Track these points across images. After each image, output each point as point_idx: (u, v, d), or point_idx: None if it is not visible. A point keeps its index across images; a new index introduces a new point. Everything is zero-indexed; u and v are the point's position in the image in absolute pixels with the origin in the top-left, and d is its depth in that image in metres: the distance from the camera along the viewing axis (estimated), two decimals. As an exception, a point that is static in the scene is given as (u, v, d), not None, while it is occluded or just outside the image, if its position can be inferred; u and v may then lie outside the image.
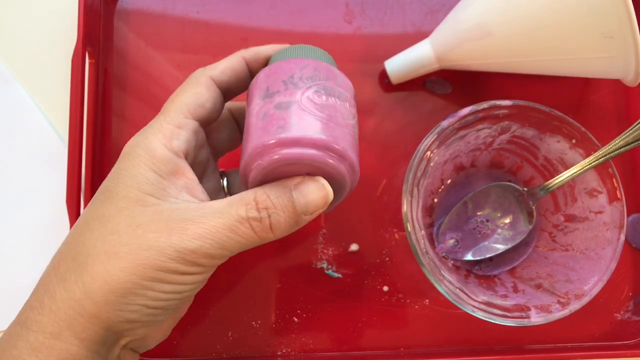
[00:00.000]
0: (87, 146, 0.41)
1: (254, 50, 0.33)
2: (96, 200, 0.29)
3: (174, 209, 0.28)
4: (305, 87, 0.29)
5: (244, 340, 0.41)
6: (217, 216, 0.27)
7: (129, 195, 0.28)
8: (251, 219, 0.27)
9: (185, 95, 0.31)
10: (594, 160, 0.37)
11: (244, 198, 0.28)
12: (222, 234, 0.27)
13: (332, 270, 0.42)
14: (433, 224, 0.42)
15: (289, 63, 0.30)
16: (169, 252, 0.26)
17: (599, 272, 0.37)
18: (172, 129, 0.29)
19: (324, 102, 0.29)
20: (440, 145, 0.38)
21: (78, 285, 0.27)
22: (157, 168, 0.28)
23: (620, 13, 0.33)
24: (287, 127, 0.28)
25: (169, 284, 0.27)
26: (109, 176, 0.29)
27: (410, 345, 0.42)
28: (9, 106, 0.44)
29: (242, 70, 0.33)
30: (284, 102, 0.29)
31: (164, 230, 0.27)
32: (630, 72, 0.36)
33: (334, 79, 0.30)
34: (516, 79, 0.44)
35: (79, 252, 0.27)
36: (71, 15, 0.43)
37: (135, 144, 0.29)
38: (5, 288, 0.42)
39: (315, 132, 0.28)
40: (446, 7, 0.45)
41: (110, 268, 0.26)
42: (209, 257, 0.27)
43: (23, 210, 0.43)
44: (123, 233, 0.27)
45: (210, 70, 0.32)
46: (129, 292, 0.26)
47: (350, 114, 0.30)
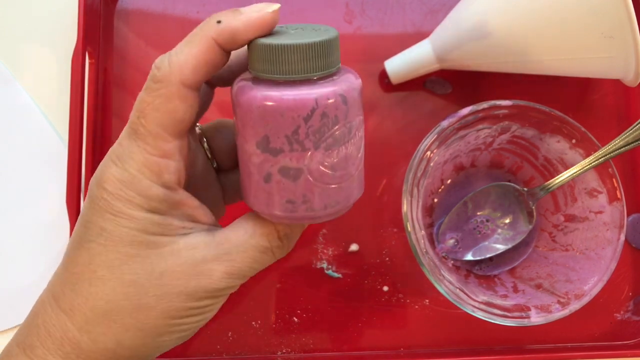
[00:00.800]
0: (87, 146, 0.41)
1: (229, 33, 0.25)
2: (93, 242, 0.26)
3: (191, 248, 0.27)
4: (313, 147, 0.25)
5: (244, 340, 0.41)
6: (241, 251, 0.27)
7: (136, 240, 0.26)
8: (274, 247, 0.28)
9: (157, 113, 0.25)
10: (594, 160, 0.37)
11: (263, 229, 0.28)
12: (247, 267, 0.28)
13: (332, 270, 0.42)
14: (433, 224, 0.42)
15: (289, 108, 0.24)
16: (200, 294, 0.27)
17: (599, 272, 0.37)
18: (158, 161, 0.26)
19: (335, 161, 0.25)
20: (440, 145, 0.38)
21: (108, 337, 0.26)
22: (156, 208, 0.26)
23: (620, 13, 0.33)
24: (298, 204, 0.26)
25: (197, 315, 0.28)
26: (97, 213, 0.26)
27: (410, 345, 0.42)
28: (9, 106, 0.44)
29: (217, 60, 0.25)
30: (290, 169, 0.25)
31: (191, 275, 0.26)
32: (630, 72, 0.36)
33: (344, 111, 0.25)
34: (516, 79, 0.44)
35: (96, 304, 0.26)
36: (71, 15, 0.43)
37: (120, 183, 0.26)
38: (5, 288, 0.42)
39: (329, 205, 0.26)
40: (446, 7, 0.45)
41: (142, 318, 0.26)
42: (233, 288, 0.28)
43: (23, 210, 0.43)
44: (147, 284, 0.26)
45: (179, 70, 0.25)
46: (165, 332, 0.27)
47: (360, 140, 0.26)
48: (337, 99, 0.24)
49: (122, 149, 0.26)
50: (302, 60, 0.24)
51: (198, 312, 0.28)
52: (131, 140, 0.26)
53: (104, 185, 0.26)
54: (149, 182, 0.26)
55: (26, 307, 0.29)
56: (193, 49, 0.25)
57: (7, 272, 0.42)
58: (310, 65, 0.24)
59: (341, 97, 0.25)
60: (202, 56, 0.25)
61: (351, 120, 0.25)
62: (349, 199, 0.27)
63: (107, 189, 0.26)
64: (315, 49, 0.24)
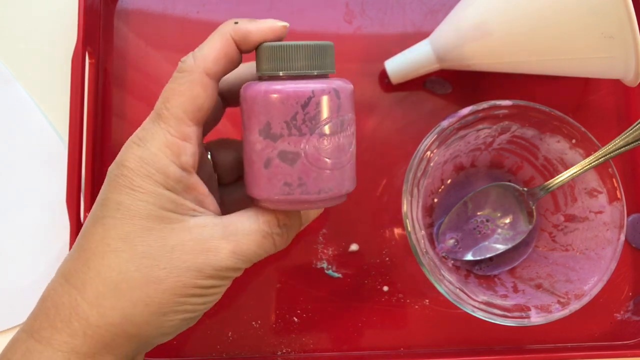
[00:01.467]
0: (87, 146, 0.41)
1: (244, 32, 0.29)
2: (109, 217, 0.28)
3: (201, 227, 0.29)
4: (309, 132, 0.28)
5: (244, 340, 0.41)
6: (246, 233, 0.29)
7: (152, 214, 0.28)
8: (274, 234, 0.30)
9: (182, 98, 0.28)
10: (594, 160, 0.37)
11: (265, 217, 0.30)
12: (251, 250, 0.29)
13: (332, 270, 0.42)
14: (433, 224, 0.42)
15: (288, 96, 0.28)
16: (207, 271, 0.28)
17: (599, 272, 0.37)
18: (178, 142, 0.28)
19: (329, 148, 0.28)
20: (440, 145, 0.38)
21: (116, 311, 0.27)
22: (172, 187, 0.28)
23: (620, 13, 0.33)
24: (294, 186, 0.28)
25: (203, 297, 0.29)
26: (115, 189, 0.28)
27: (410, 345, 0.42)
28: (9, 106, 0.44)
29: (234, 54, 0.30)
30: (288, 153, 0.28)
31: (200, 251, 0.28)
32: (630, 72, 0.36)
33: (337, 105, 0.28)
34: (516, 79, 0.44)
35: (109, 276, 0.27)
36: (71, 15, 0.43)
37: (141, 160, 0.28)
38: (5, 288, 0.42)
39: (323, 190, 0.29)
40: (446, 7, 0.45)
41: (151, 292, 0.27)
42: (238, 270, 0.30)
43: (23, 210, 0.43)
44: (159, 256, 0.27)
45: (202, 61, 0.29)
46: (170, 310, 0.28)
47: (351, 135, 0.30)
48: (332, 92, 0.28)
49: (145, 132, 0.29)
50: (302, 59, 0.28)
51: (203, 293, 0.28)
52: (154, 123, 0.29)
53: (125, 163, 0.28)
54: (168, 160, 0.28)
55: (26, 307, 0.29)
56: (214, 44, 0.29)
57: (7, 272, 0.42)
58: (308, 63, 0.28)
59: (335, 91, 0.28)
60: (222, 49, 0.29)
61: (343, 115, 0.29)
62: (341, 187, 0.29)
63: (128, 166, 0.28)
64: (314, 49, 0.29)
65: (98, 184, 0.42)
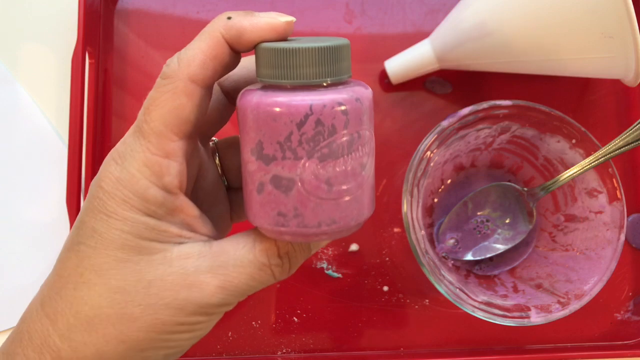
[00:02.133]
0: (87, 146, 0.41)
1: (237, 30, 0.25)
2: (84, 245, 0.25)
3: (185, 258, 0.25)
4: (306, 156, 0.23)
5: (244, 340, 0.41)
6: (238, 265, 0.26)
7: (128, 244, 0.25)
8: (273, 265, 0.26)
9: (163, 110, 0.24)
10: (594, 160, 0.37)
11: (263, 244, 0.26)
12: (244, 284, 0.26)
13: (332, 270, 0.42)
14: (433, 224, 0.42)
15: (281, 113, 0.23)
16: (189, 309, 0.25)
17: (599, 272, 0.37)
18: (160, 161, 0.25)
19: (331, 174, 0.24)
20: (440, 145, 0.38)
21: (88, 347, 0.25)
22: (152, 212, 0.25)
23: (620, 13, 0.33)
24: (289, 218, 0.24)
25: (188, 332, 0.26)
26: (91, 213, 0.25)
27: (410, 345, 0.42)
28: (9, 106, 0.44)
29: (225, 55, 0.25)
30: (282, 178, 0.24)
31: (182, 287, 0.25)
32: (630, 71, 0.36)
33: (344, 122, 0.23)
34: (516, 79, 0.44)
35: (80, 310, 0.25)
36: (71, 15, 0.43)
37: (118, 182, 0.25)
38: (5, 288, 0.42)
39: (323, 222, 0.24)
40: (446, 7, 0.45)
41: (124, 330, 0.25)
42: (228, 305, 0.27)
43: (23, 210, 0.43)
44: (134, 292, 0.25)
45: (187, 65, 0.24)
46: (149, 347, 0.25)
47: (365, 156, 0.24)
48: (335, 108, 0.23)
49: (125, 147, 0.25)
50: (307, 65, 0.23)
51: (187, 329, 0.26)
52: (135, 138, 0.25)
53: (101, 184, 0.25)
54: (147, 182, 0.25)
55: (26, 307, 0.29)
56: (201, 44, 0.25)
57: (7, 272, 0.42)
58: (316, 70, 0.23)
59: (340, 106, 0.23)
60: (209, 51, 0.25)
61: (352, 133, 0.24)
62: (348, 218, 0.24)
63: (103, 188, 0.25)
64: (317, 54, 0.23)
65: (98, 184, 0.42)
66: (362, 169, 0.24)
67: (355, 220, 0.25)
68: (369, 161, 0.25)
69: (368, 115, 0.24)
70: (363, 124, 0.24)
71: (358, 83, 0.25)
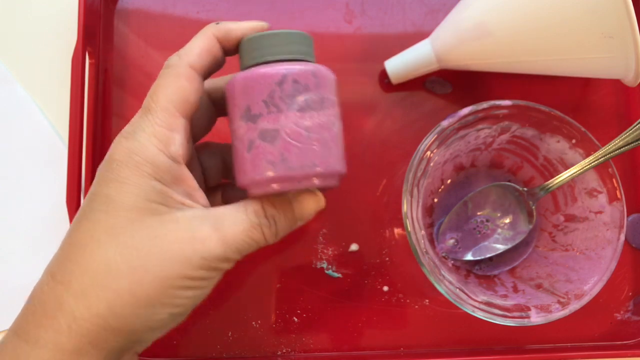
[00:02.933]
0: (87, 146, 0.41)
1: (225, 29, 0.31)
2: (96, 211, 0.28)
3: (190, 218, 0.28)
4: (287, 108, 0.28)
5: (244, 340, 0.41)
6: (233, 222, 0.29)
7: (139, 206, 0.27)
8: (262, 225, 0.29)
9: (168, 90, 0.29)
10: (594, 160, 0.37)
11: (253, 207, 0.29)
12: (240, 239, 0.29)
13: (332, 270, 0.42)
14: (433, 224, 0.42)
15: (264, 75, 0.29)
16: (195, 261, 0.27)
17: (599, 272, 0.37)
18: (166, 132, 0.28)
19: (309, 123, 0.28)
20: (440, 145, 0.38)
21: (101, 302, 0.26)
22: (161, 177, 0.28)
23: (620, 12, 0.33)
24: (277, 163, 0.28)
25: (192, 289, 0.28)
26: (104, 183, 0.28)
27: (410, 345, 0.42)
28: (9, 106, 0.44)
29: (217, 50, 0.31)
30: (268, 131, 0.28)
31: (187, 240, 0.27)
32: (630, 71, 0.36)
33: (315, 83, 0.29)
34: (516, 79, 0.44)
35: (94, 268, 0.27)
36: (71, 15, 0.43)
37: (130, 151, 0.28)
38: (5, 288, 0.42)
39: (306, 165, 0.28)
40: (446, 7, 0.45)
41: (136, 283, 0.27)
42: (228, 260, 0.29)
43: (23, 210, 0.43)
44: (145, 248, 0.27)
45: (187, 56, 0.30)
46: (157, 303, 0.27)
47: (334, 117, 0.30)
48: (307, 71, 0.29)
49: (133, 126, 0.29)
50: (277, 45, 0.29)
51: (192, 285, 0.28)
52: (142, 117, 0.29)
53: (114, 156, 0.28)
54: (156, 149, 0.28)
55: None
56: (197, 41, 0.30)
57: (6, 272, 0.42)
58: (285, 49, 0.29)
59: (311, 72, 0.29)
60: (204, 45, 0.30)
61: (322, 93, 0.29)
62: (326, 164, 0.29)
63: (116, 159, 0.28)
64: (289, 36, 0.30)
65: (98, 184, 0.42)
66: (333, 126, 0.29)
67: (331, 166, 0.29)
68: (337, 122, 0.30)
69: (330, 88, 0.30)
70: (330, 92, 0.30)
71: (322, 66, 0.30)
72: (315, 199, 0.32)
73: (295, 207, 0.31)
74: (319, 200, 0.32)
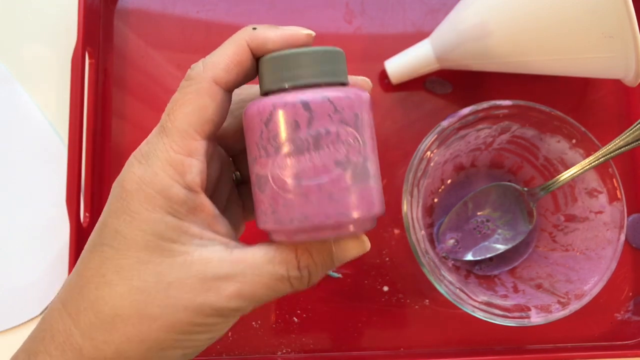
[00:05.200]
0: (87, 146, 0.41)
1: (262, 39, 0.26)
2: (106, 246, 0.26)
3: (205, 262, 0.26)
4: (274, 152, 0.24)
5: (244, 340, 0.41)
6: (256, 274, 0.26)
7: (150, 245, 0.25)
8: (292, 277, 0.27)
9: (187, 109, 0.26)
10: (594, 160, 0.37)
11: (283, 255, 0.26)
12: (261, 292, 0.26)
13: (332, 270, 0.42)
14: (433, 224, 0.42)
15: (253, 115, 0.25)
16: (207, 311, 0.26)
17: (599, 272, 0.37)
18: (183, 159, 0.25)
19: (297, 169, 0.24)
20: (441, 145, 0.38)
21: (109, 346, 0.26)
22: (175, 210, 0.26)
23: (620, 13, 0.33)
24: (267, 215, 0.25)
25: (206, 333, 0.27)
26: (114, 214, 0.26)
27: (410, 345, 0.42)
28: (9, 106, 0.44)
29: (247, 61, 0.26)
30: (261, 177, 0.25)
31: (200, 290, 0.26)
32: (630, 71, 0.36)
33: (304, 118, 0.24)
34: (516, 79, 0.44)
35: (102, 310, 0.26)
36: (71, 15, 0.43)
37: (141, 181, 0.25)
38: (5, 288, 0.42)
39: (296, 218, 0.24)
40: (446, 7, 0.45)
41: (144, 329, 0.25)
42: (245, 310, 0.27)
43: (23, 210, 0.43)
44: (154, 293, 0.25)
45: (212, 69, 0.26)
46: (168, 346, 0.26)
47: (335, 152, 0.25)
48: (297, 105, 0.24)
49: (148, 146, 0.26)
50: (278, 71, 0.25)
51: (204, 330, 0.26)
52: (158, 137, 0.26)
53: (124, 184, 0.26)
54: (170, 180, 0.25)
55: (26, 307, 0.29)
56: (227, 50, 0.26)
57: (7, 272, 0.42)
58: (284, 75, 0.25)
59: (302, 103, 0.24)
60: (234, 56, 0.26)
61: (318, 129, 0.24)
62: (322, 215, 0.24)
63: (126, 188, 0.26)
64: (284, 60, 0.25)
65: (98, 184, 0.43)
66: (338, 166, 0.24)
67: (333, 218, 0.24)
68: (352, 158, 0.25)
69: (343, 116, 0.25)
70: (333, 122, 0.24)
71: (339, 88, 0.26)
72: (359, 243, 0.28)
73: (336, 253, 0.28)
74: (363, 243, 0.28)
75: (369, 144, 0.26)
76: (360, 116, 0.25)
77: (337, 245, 0.27)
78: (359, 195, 0.25)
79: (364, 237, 0.28)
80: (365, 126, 0.26)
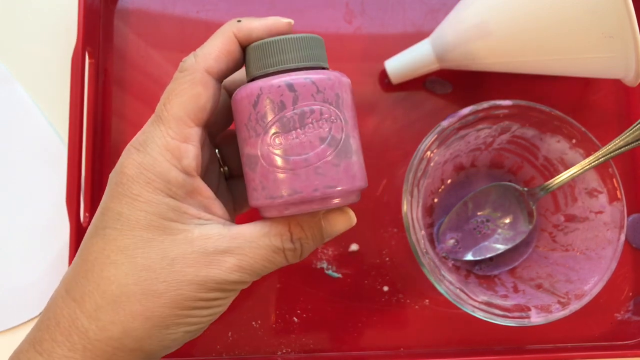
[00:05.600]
0: (87, 146, 0.41)
1: (247, 30, 0.28)
2: (109, 228, 0.27)
3: (205, 238, 0.27)
4: (263, 132, 0.26)
5: (244, 340, 0.41)
6: (254, 247, 0.28)
7: (152, 224, 0.27)
8: (286, 249, 0.28)
9: (182, 98, 0.27)
10: (594, 160, 0.37)
11: (278, 229, 0.28)
12: (259, 264, 0.28)
13: (332, 270, 0.42)
14: (433, 224, 0.42)
15: (242, 98, 0.27)
16: (209, 285, 0.27)
17: (599, 272, 0.37)
18: (179, 145, 0.27)
19: (285, 145, 0.26)
20: (441, 145, 0.38)
21: (116, 325, 0.26)
22: (174, 193, 0.27)
23: (620, 13, 0.33)
24: (259, 191, 0.27)
25: (207, 309, 0.28)
26: (115, 199, 0.27)
27: (410, 345, 0.42)
28: (9, 106, 0.44)
29: (236, 51, 0.29)
30: (251, 157, 0.27)
31: (202, 264, 0.27)
32: (630, 71, 0.36)
33: (290, 98, 0.26)
34: (516, 79, 0.44)
35: (107, 289, 0.26)
36: (71, 15, 0.43)
37: (141, 166, 0.27)
38: (5, 288, 0.42)
39: (287, 192, 0.26)
40: (446, 7, 0.45)
41: (150, 306, 0.26)
42: (244, 283, 0.28)
43: (23, 210, 0.43)
44: (159, 269, 0.26)
45: (204, 59, 0.28)
46: (172, 323, 0.27)
47: (327, 130, 0.27)
48: (282, 86, 0.26)
49: (145, 135, 0.28)
50: (263, 57, 0.27)
51: (206, 305, 0.28)
52: (154, 126, 0.28)
53: (124, 170, 0.27)
54: (169, 164, 0.27)
55: (26, 307, 0.29)
56: (216, 41, 0.28)
57: (7, 272, 0.42)
58: (268, 61, 0.27)
59: (287, 85, 0.26)
60: (223, 47, 0.28)
61: (303, 108, 0.26)
62: (311, 188, 0.26)
63: (126, 174, 0.27)
64: (269, 47, 0.27)
65: (98, 184, 0.43)
66: (322, 142, 0.26)
67: (320, 191, 0.26)
68: (335, 134, 0.27)
69: (325, 96, 0.27)
70: (316, 101, 0.27)
71: (321, 71, 0.28)
72: (346, 217, 0.30)
73: (325, 226, 0.30)
74: (350, 218, 0.30)
75: (350, 123, 0.28)
76: (341, 96, 0.27)
77: (326, 219, 0.29)
78: (343, 169, 0.27)
79: (350, 212, 0.30)
80: (347, 106, 0.28)
